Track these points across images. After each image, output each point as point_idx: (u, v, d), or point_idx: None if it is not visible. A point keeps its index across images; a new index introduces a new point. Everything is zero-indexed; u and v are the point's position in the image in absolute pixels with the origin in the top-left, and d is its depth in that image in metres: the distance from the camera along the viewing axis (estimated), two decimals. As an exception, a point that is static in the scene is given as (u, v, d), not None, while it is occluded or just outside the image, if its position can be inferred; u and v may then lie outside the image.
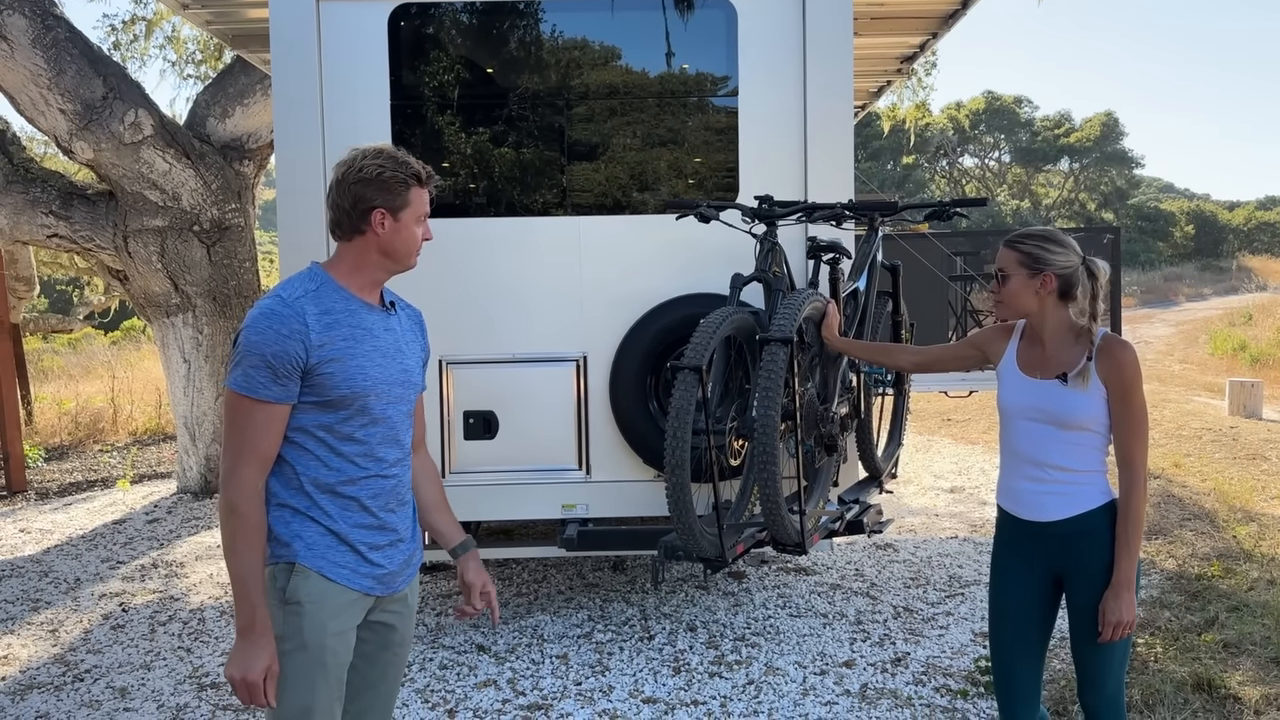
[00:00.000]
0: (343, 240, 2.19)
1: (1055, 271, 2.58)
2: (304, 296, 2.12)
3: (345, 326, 2.13)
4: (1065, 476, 2.62)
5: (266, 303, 2.10)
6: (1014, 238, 2.66)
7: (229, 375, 2.08)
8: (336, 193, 2.16)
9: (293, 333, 2.05)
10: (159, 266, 7.76)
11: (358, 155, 2.17)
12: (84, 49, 7.44)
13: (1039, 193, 45.75)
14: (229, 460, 2.06)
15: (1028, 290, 2.62)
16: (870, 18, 6.28)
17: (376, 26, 4.30)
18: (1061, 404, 2.61)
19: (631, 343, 4.27)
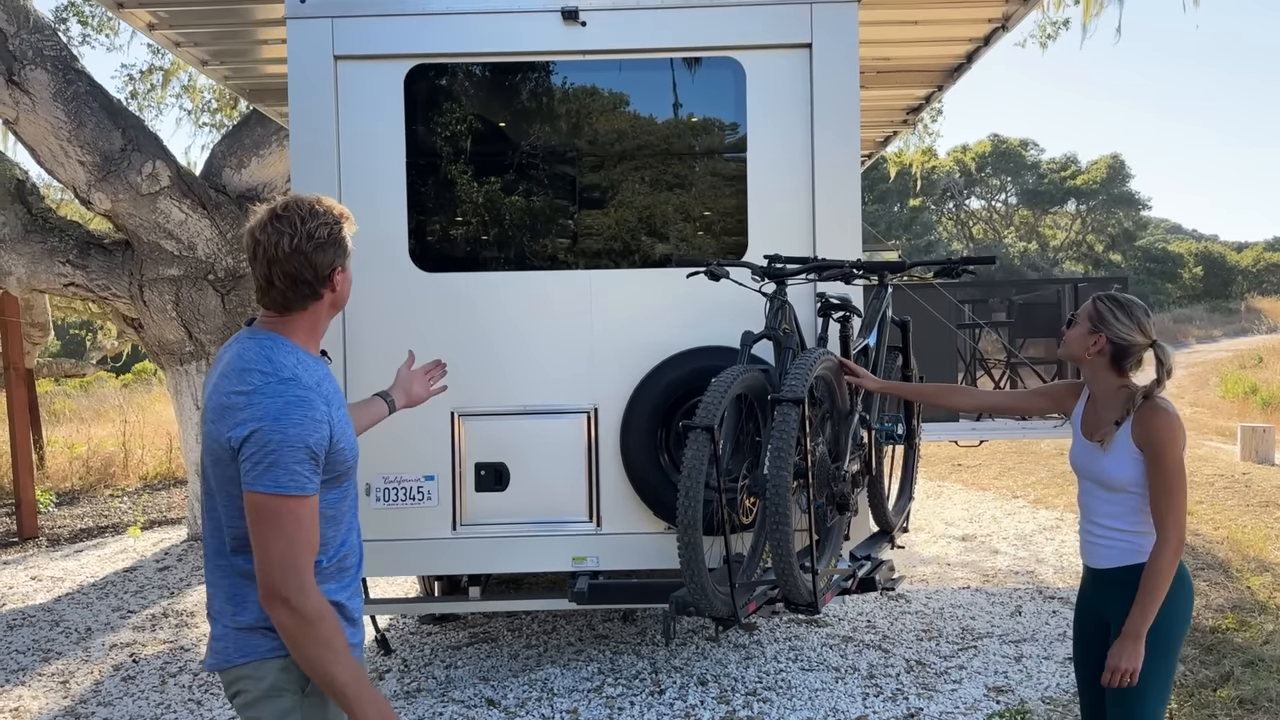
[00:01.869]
0: (296, 310, 2.07)
1: (1110, 336, 2.74)
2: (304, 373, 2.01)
3: (334, 395, 2.07)
4: (1111, 532, 2.77)
5: (280, 389, 1.96)
6: (1100, 294, 2.85)
7: (259, 480, 1.90)
8: (290, 264, 2.01)
9: (322, 416, 1.97)
10: (174, 315, 7.84)
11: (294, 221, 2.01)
12: (104, 102, 7.58)
13: (1046, 234, 45.89)
14: (291, 569, 1.90)
15: (1082, 341, 2.80)
16: (876, 71, 6.37)
17: (393, 85, 4.38)
18: (1099, 466, 2.77)
19: (642, 395, 4.29)
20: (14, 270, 7.86)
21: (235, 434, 1.93)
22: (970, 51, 5.97)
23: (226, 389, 1.99)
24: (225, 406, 1.97)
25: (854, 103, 4.33)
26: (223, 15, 5.13)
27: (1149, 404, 2.70)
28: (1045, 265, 41.97)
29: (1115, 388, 2.78)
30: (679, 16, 4.29)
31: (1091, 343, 2.77)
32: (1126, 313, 2.75)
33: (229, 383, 1.99)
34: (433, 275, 4.40)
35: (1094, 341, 2.76)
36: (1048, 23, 12.49)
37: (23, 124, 7.37)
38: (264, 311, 2.11)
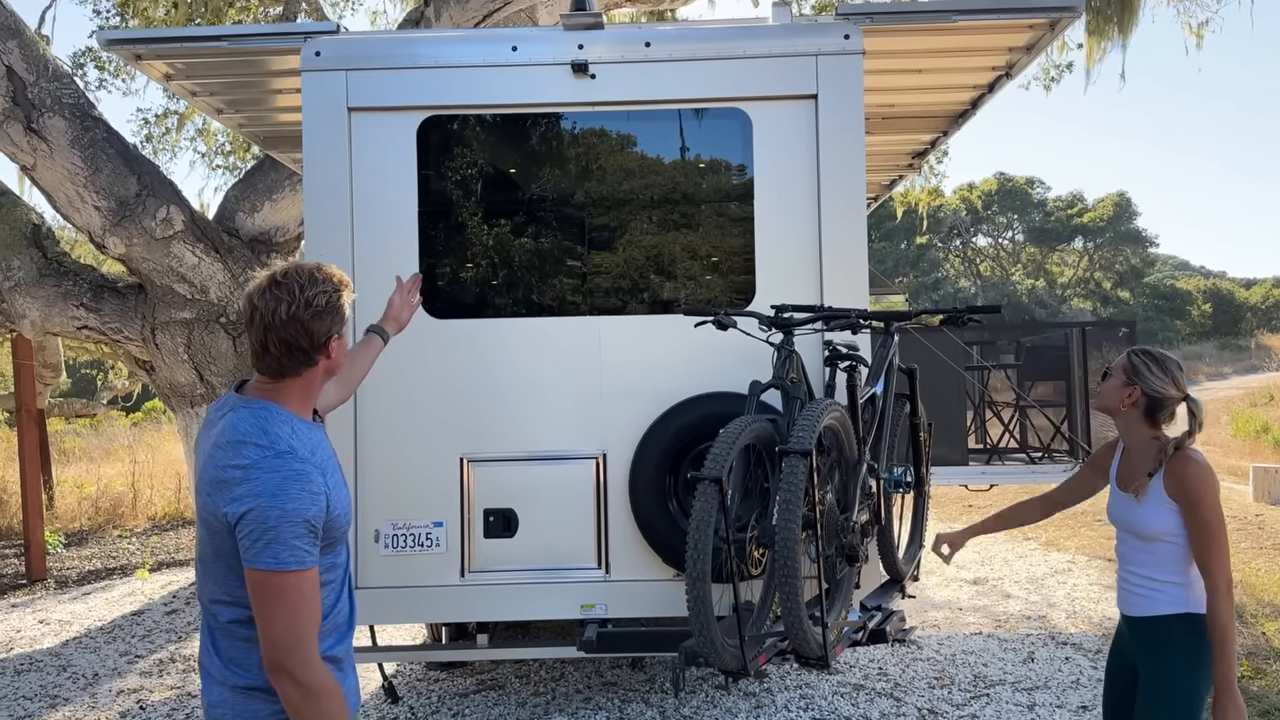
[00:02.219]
0: (291, 376, 2.07)
1: (1144, 389, 2.85)
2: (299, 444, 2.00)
3: (328, 462, 2.06)
4: (1146, 581, 2.85)
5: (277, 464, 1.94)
6: (1135, 348, 2.97)
7: (260, 557, 1.89)
8: (286, 332, 2.01)
9: (319, 489, 1.96)
10: (185, 358, 7.90)
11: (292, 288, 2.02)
12: (120, 148, 7.69)
13: (1054, 272, 45.93)
14: (296, 644, 1.90)
15: (1117, 393, 2.91)
16: (881, 118, 6.42)
17: (406, 135, 4.45)
18: (1133, 516, 2.85)
19: (651, 441, 4.30)
20: (28, 314, 7.93)
21: (232, 510, 1.92)
22: (975, 98, 6.01)
23: (222, 461, 1.98)
24: (221, 480, 1.96)
25: (859, 151, 4.38)
26: (239, 66, 5.20)
27: (1180, 455, 2.78)
28: (1053, 302, 41.96)
29: (1148, 439, 2.87)
30: (686, 69, 4.36)
31: (1126, 395, 2.88)
32: (1161, 367, 2.86)
33: (224, 455, 1.98)
34: (443, 321, 4.44)
35: (1129, 394, 2.88)
36: (1051, 65, 12.63)
37: (40, 170, 7.48)
38: (258, 376, 2.11)
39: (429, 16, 8.38)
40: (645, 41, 4.38)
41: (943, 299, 40.02)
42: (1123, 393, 2.89)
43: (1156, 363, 2.88)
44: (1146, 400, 2.86)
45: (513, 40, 4.44)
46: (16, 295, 7.87)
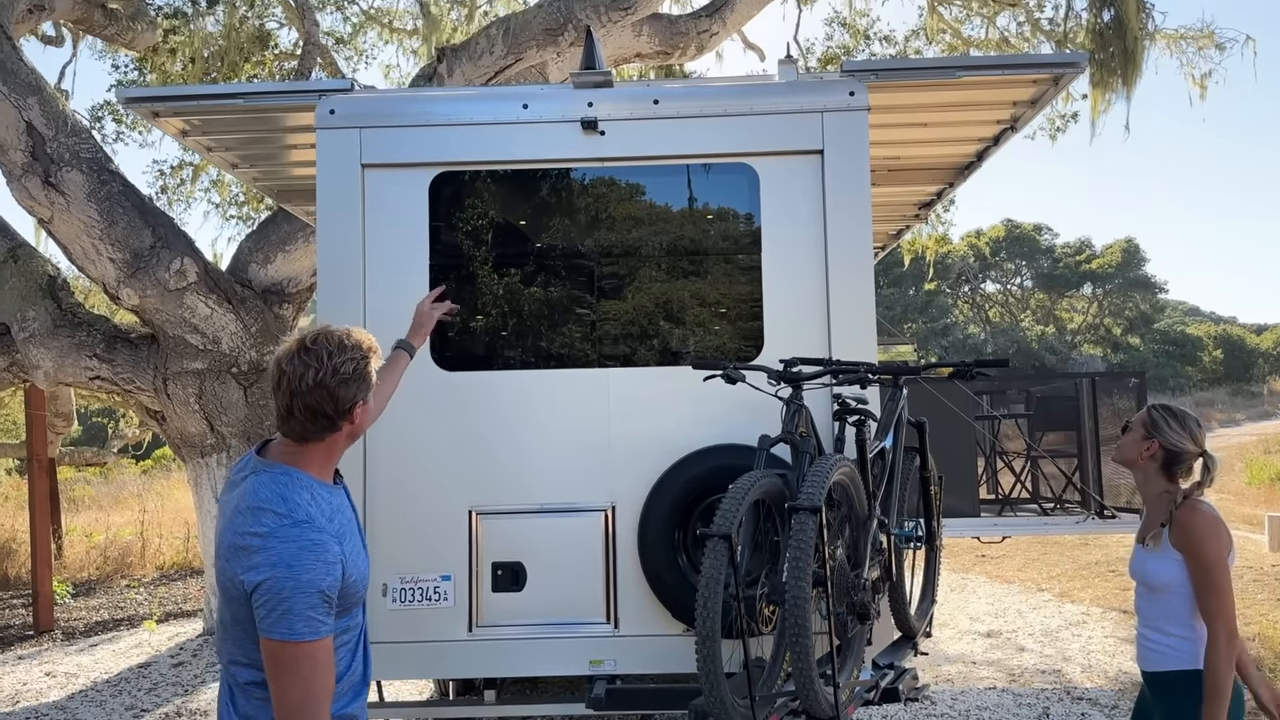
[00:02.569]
0: (314, 440, 2.08)
1: (1162, 443, 2.91)
2: (317, 512, 2.01)
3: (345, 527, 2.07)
4: (1157, 635, 2.87)
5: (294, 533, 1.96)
6: (1154, 404, 3.05)
7: (275, 627, 1.90)
8: (311, 398, 2.03)
9: (335, 558, 1.97)
10: (196, 408, 7.93)
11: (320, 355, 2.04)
12: (135, 201, 7.80)
13: (1063, 318, 45.90)
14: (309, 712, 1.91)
15: (1136, 446, 2.98)
16: (887, 170, 6.48)
17: (418, 191, 4.50)
18: (1145, 568, 2.89)
19: (660, 493, 4.29)
20: (42, 364, 7.99)
21: (249, 578, 1.94)
22: (980, 151, 6.06)
23: (240, 528, 1.99)
24: (239, 547, 1.98)
25: (865, 204, 4.41)
26: (254, 123, 5.29)
27: (1187, 504, 2.83)
28: (1063, 349, 41.88)
29: (1163, 492, 2.92)
30: (693, 125, 4.42)
31: (1145, 448, 2.94)
32: (1179, 422, 2.93)
33: (243, 521, 1.99)
34: (453, 374, 4.45)
35: (1147, 447, 2.94)
36: (1056, 116, 12.75)
37: (57, 223, 7.59)
38: (281, 438, 2.14)
39: (442, 73, 8.53)
40: (653, 99, 4.44)
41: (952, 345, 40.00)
42: (1141, 446, 2.94)
43: (1175, 418, 2.93)
44: (1164, 454, 2.91)
45: (524, 98, 4.51)
46: (31, 346, 7.95)
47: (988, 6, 12.42)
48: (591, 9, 8.71)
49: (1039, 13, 12.30)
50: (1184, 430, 2.91)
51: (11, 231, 8.44)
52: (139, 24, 10.84)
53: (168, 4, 12.72)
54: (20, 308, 8.00)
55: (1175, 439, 2.90)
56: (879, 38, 14.11)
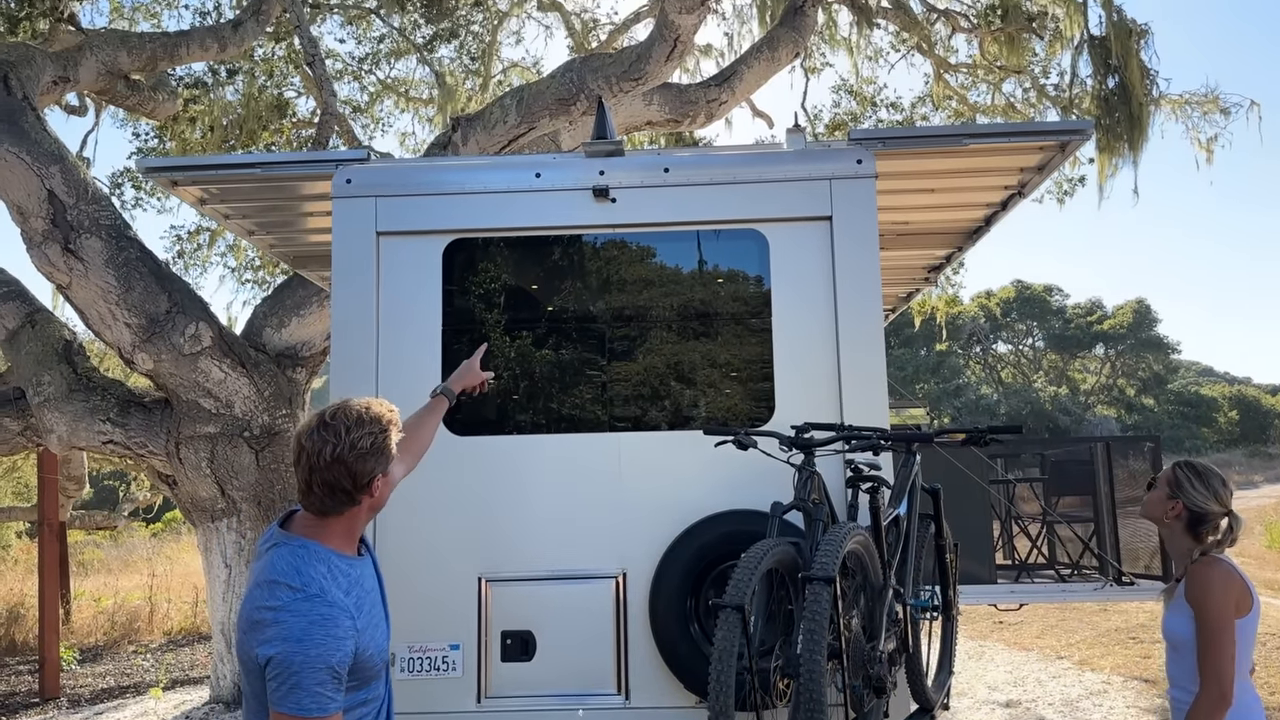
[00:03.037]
0: (333, 514, 2.10)
1: (1186, 503, 2.89)
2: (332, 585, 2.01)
3: (364, 599, 2.08)
4: (1180, 694, 2.84)
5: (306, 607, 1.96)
6: (1180, 461, 3.02)
7: (283, 701, 1.91)
8: (330, 473, 2.05)
9: (347, 632, 1.97)
10: (208, 472, 7.93)
11: (339, 430, 2.06)
12: (152, 266, 7.90)
13: (1076, 378, 45.73)
14: None
15: (1161, 505, 2.96)
16: (896, 235, 6.52)
17: (432, 257, 4.55)
18: (1165, 624, 2.89)
19: (672, 560, 4.24)
20: (56, 428, 8.02)
21: (261, 652, 1.95)
22: (988, 216, 6.11)
23: (257, 602, 2.01)
24: (254, 621, 2.00)
25: (874, 269, 4.43)
26: (271, 191, 5.38)
27: (1203, 559, 2.82)
28: (1077, 410, 41.65)
29: (1187, 550, 2.90)
30: (703, 193, 4.47)
31: (1170, 507, 2.93)
32: (1204, 481, 2.91)
33: (259, 595, 2.02)
34: (464, 439, 4.45)
35: (1172, 506, 2.92)
36: (1064, 180, 12.86)
37: (75, 289, 7.68)
38: (302, 511, 2.15)
39: (456, 141, 8.68)
40: (664, 167, 4.50)
41: (964, 406, 39.83)
42: (1166, 505, 2.93)
43: (1199, 477, 2.92)
44: (1189, 514, 2.89)
45: (536, 167, 4.58)
46: (45, 410, 7.99)
47: (993, 74, 12.61)
48: (603, 79, 8.87)
49: (1044, 79, 12.49)
50: (1208, 490, 2.89)
51: (30, 297, 8.55)
52: (160, 93, 11.08)
53: (188, 74, 13.03)
54: (36, 372, 8.06)
55: (1200, 500, 2.88)
56: (886, 104, 14.32)
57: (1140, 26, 10.09)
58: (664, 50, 8.42)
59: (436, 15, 13.25)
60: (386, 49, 14.67)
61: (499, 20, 14.51)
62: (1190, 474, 2.93)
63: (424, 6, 13.16)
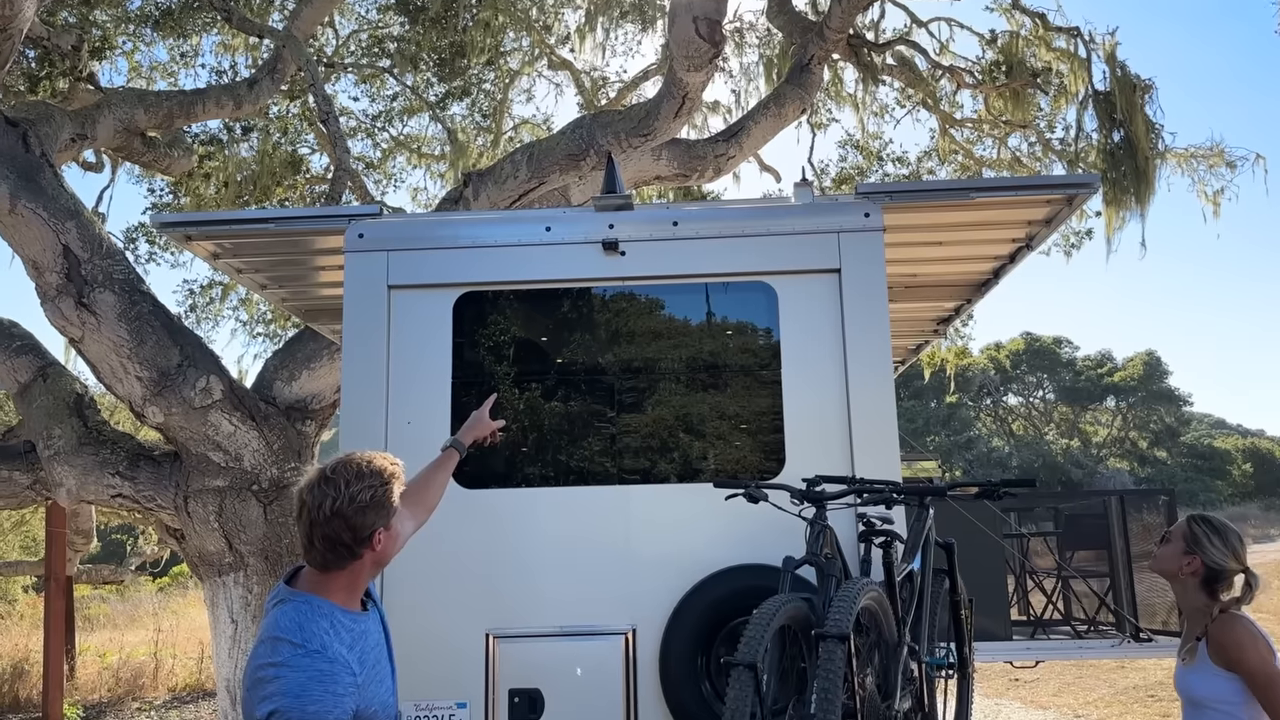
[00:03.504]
0: (335, 569, 2.10)
1: (1204, 560, 2.81)
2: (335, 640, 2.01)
3: (368, 654, 2.08)
4: None
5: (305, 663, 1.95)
6: (1196, 515, 2.93)
7: None
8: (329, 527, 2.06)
9: (347, 688, 1.97)
10: (216, 525, 7.90)
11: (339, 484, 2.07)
12: (164, 320, 7.94)
13: (1088, 431, 45.44)
14: None
15: (1175, 560, 2.88)
16: (904, 286, 6.54)
17: (443, 310, 4.57)
18: (1186, 683, 2.80)
19: (682, 616, 4.19)
20: (65, 482, 8.01)
21: (260, 710, 1.95)
22: (996, 268, 6.13)
23: (260, 659, 2.02)
24: (256, 679, 2.00)
25: (884, 321, 4.44)
26: (284, 246, 5.44)
27: (1223, 618, 2.75)
28: (1089, 462, 41.32)
29: (1203, 606, 2.83)
30: (712, 246, 4.50)
31: (1185, 563, 2.85)
32: (1222, 538, 2.84)
33: (263, 651, 2.02)
34: (472, 491, 4.43)
35: (1188, 562, 2.85)
36: (1071, 233, 12.91)
37: (87, 342, 7.73)
38: (307, 566, 2.13)
39: (468, 196, 8.77)
40: (673, 221, 4.54)
41: (976, 459, 39.57)
42: (1181, 560, 2.86)
43: (1217, 533, 2.85)
44: (1206, 570, 2.83)
45: (546, 221, 4.62)
46: (55, 464, 7.99)
47: (999, 128, 12.73)
48: (613, 135, 8.98)
49: (1049, 133, 12.60)
50: (1226, 547, 2.83)
51: (43, 351, 8.59)
52: (176, 150, 11.26)
53: (204, 131, 13.24)
54: (47, 425, 8.08)
55: (1217, 556, 2.81)
56: (892, 159, 14.44)
57: (1144, 81, 10.20)
58: (672, 107, 8.53)
59: (449, 74, 13.47)
60: (400, 107, 14.92)
61: (510, 79, 14.76)
62: (1208, 529, 2.86)
63: (437, 66, 13.39)
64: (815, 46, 10.03)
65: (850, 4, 9.77)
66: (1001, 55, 11.68)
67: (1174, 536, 2.93)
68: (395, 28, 13.59)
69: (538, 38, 14.14)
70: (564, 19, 14.56)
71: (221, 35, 13.06)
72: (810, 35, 10.23)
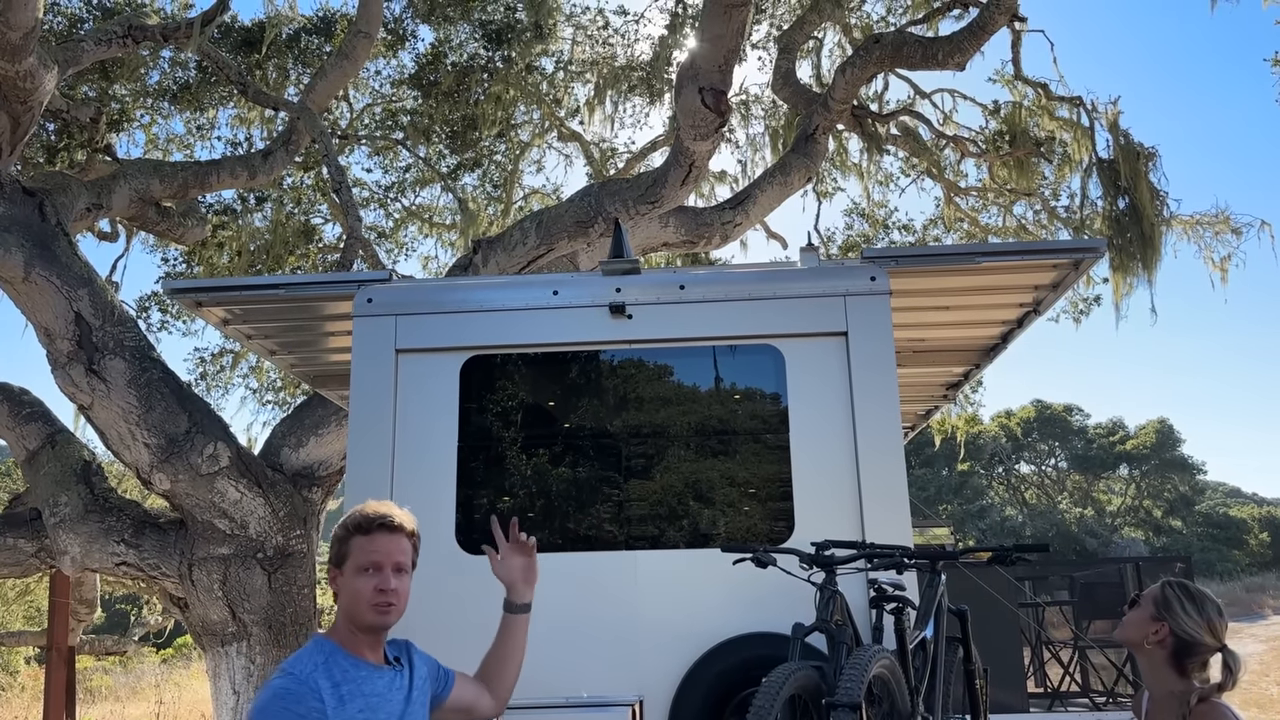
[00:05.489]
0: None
1: (1174, 628, 2.49)
2: (316, 671, 2.08)
3: (360, 697, 2.10)
4: None
5: (277, 682, 2.03)
6: (1169, 580, 2.61)
7: None
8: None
9: (309, 711, 1.99)
10: (219, 595, 7.82)
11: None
12: (174, 387, 7.97)
13: (1101, 500, 44.94)
14: None
15: (1142, 627, 2.54)
16: (913, 351, 6.53)
17: (450, 373, 4.57)
18: None
19: (691, 686, 4.11)
20: (70, 550, 7.96)
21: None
22: (1004, 333, 6.12)
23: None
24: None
25: (892, 384, 4.42)
26: (294, 312, 5.47)
27: (1204, 706, 2.41)
28: (1104, 532, 40.79)
29: (1173, 688, 2.48)
30: (719, 309, 4.51)
31: (1153, 630, 2.53)
32: (1197, 606, 2.50)
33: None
34: (477, 558, 4.37)
35: (1155, 630, 2.52)
36: (1079, 299, 12.93)
37: (96, 409, 7.74)
38: None
39: (477, 263, 8.85)
40: (680, 284, 4.56)
41: (989, 528, 39.11)
42: (1149, 627, 2.53)
43: (1192, 600, 2.52)
44: (1174, 642, 2.49)
45: (554, 285, 4.64)
46: (60, 531, 7.95)
47: (1004, 196, 12.85)
48: (620, 203, 9.09)
49: (1054, 201, 12.71)
50: (1201, 617, 2.48)
51: (52, 418, 8.61)
52: (190, 220, 11.42)
53: (218, 200, 13.45)
54: (54, 493, 8.06)
55: (1190, 626, 2.47)
56: (898, 226, 14.57)
57: (1148, 149, 10.31)
58: (679, 175, 8.63)
59: (461, 146, 13.71)
60: (412, 178, 15.15)
61: (521, 150, 15.00)
62: (1182, 595, 2.53)
63: (449, 138, 13.63)
64: (820, 117, 10.19)
65: (854, 76, 9.95)
66: (1005, 125, 11.85)
67: (1144, 601, 2.60)
68: (408, 101, 13.88)
69: (548, 110, 14.41)
70: (573, 93, 14.86)
71: (237, 108, 13.34)
72: (815, 106, 10.40)
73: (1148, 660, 2.59)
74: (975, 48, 9.16)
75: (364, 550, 2.19)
